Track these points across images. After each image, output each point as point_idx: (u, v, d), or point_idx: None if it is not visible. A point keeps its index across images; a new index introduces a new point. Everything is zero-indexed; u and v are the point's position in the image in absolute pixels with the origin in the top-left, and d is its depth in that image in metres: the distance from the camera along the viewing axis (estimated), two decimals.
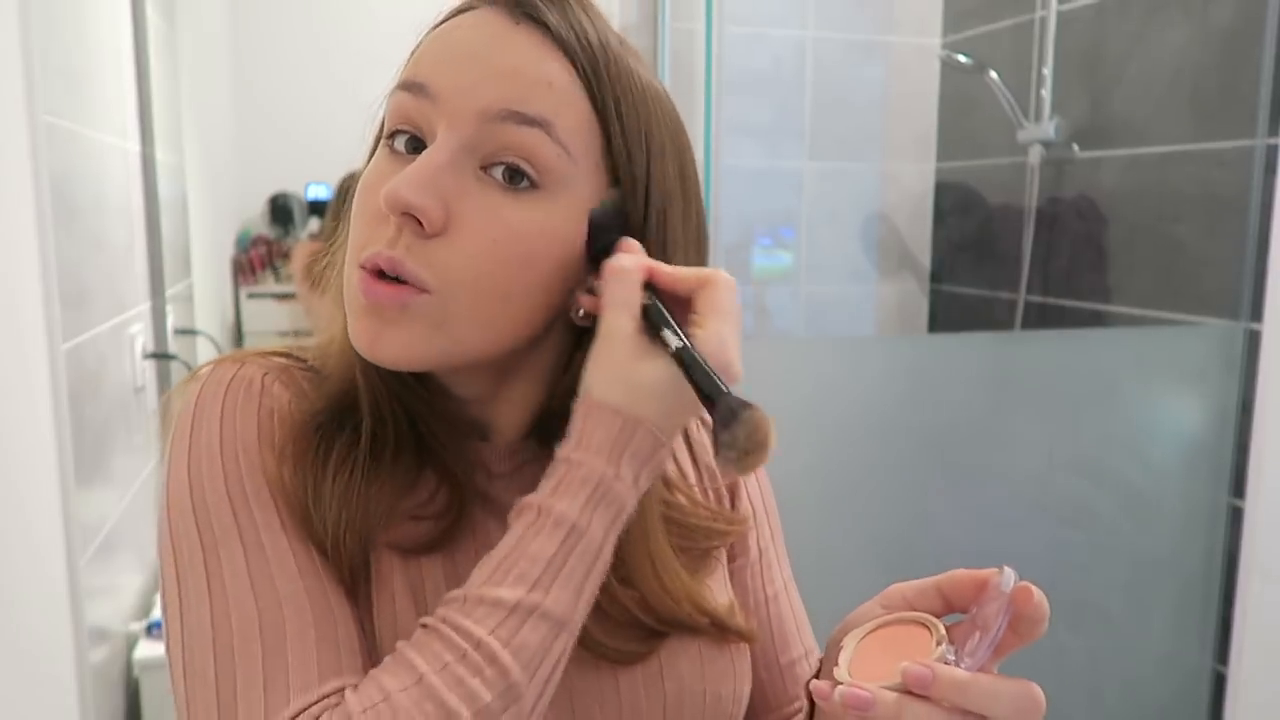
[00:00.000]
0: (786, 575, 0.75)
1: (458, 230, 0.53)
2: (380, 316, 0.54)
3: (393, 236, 0.54)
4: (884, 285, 2.45)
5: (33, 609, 1.18)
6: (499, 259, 0.54)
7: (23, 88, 1.17)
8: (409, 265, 0.53)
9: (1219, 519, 1.70)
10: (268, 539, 0.55)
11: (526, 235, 0.54)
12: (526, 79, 0.54)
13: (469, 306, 0.54)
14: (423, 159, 0.53)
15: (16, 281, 1.15)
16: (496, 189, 0.54)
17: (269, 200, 2.94)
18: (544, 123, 0.53)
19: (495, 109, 0.53)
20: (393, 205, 0.52)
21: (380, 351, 0.55)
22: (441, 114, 0.54)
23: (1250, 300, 1.62)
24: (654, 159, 0.58)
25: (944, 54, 2.30)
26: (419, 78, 0.55)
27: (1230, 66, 1.65)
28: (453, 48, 0.55)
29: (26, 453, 1.16)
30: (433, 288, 0.53)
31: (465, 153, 0.54)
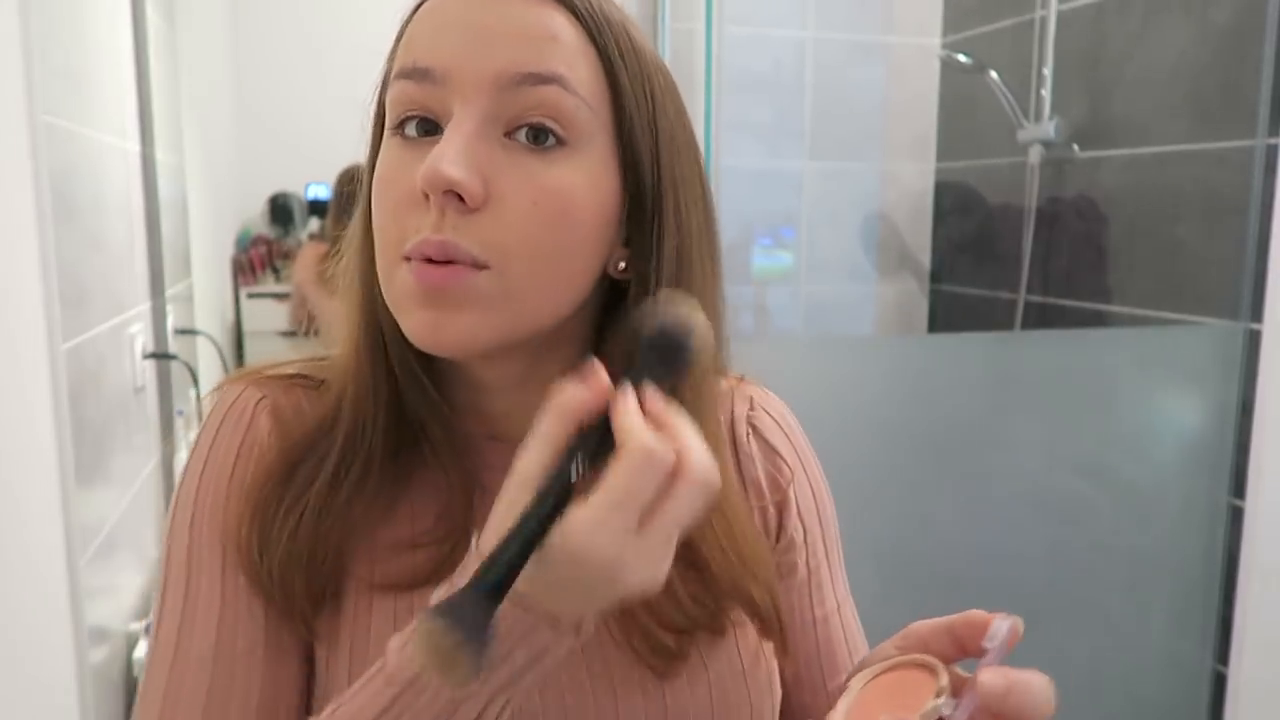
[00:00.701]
0: (841, 594, 0.70)
1: (499, 200, 0.52)
2: (440, 303, 0.52)
3: (436, 220, 0.51)
4: (884, 285, 2.45)
5: (33, 609, 1.18)
6: (545, 221, 0.52)
7: (23, 88, 1.17)
8: (463, 244, 0.51)
9: (1219, 519, 1.70)
10: (205, 588, 0.57)
11: (565, 193, 0.53)
12: (532, 37, 0.52)
13: (527, 275, 0.53)
14: (451, 135, 0.51)
15: (16, 281, 1.15)
16: (525, 153, 0.53)
17: (269, 200, 2.94)
18: (559, 77, 0.52)
19: (509, 74, 0.52)
20: (434, 184, 0.50)
21: (444, 339, 0.53)
22: (453, 92, 0.52)
23: (1250, 300, 1.62)
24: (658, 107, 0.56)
25: (944, 54, 2.30)
26: (420, 62, 0.53)
27: (1230, 66, 1.65)
28: (448, 23, 0.53)
29: (26, 453, 1.16)
30: (489, 262, 0.52)
31: (488, 123, 0.52)
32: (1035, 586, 1.64)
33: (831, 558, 0.70)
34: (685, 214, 0.57)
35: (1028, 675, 0.46)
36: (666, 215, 0.56)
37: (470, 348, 0.54)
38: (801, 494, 0.68)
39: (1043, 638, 0.52)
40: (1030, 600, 1.74)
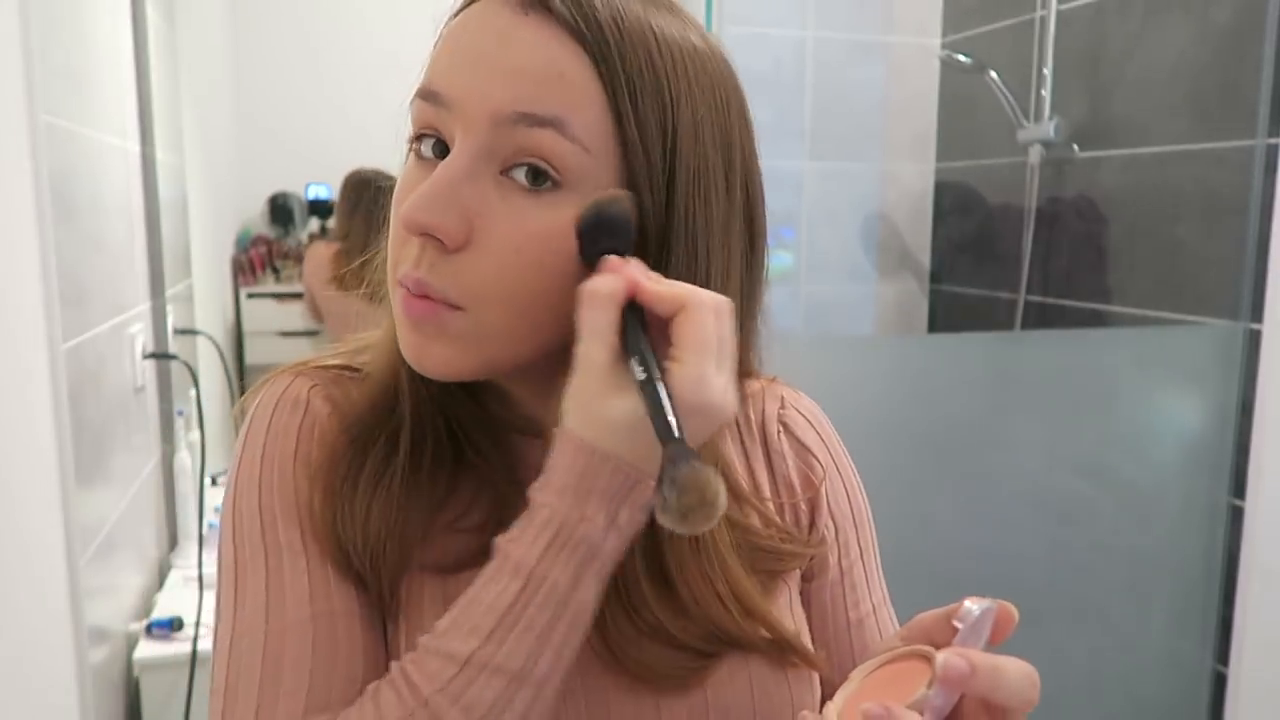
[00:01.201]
0: (878, 598, 0.69)
1: (482, 241, 0.52)
2: (422, 332, 0.54)
3: (417, 256, 0.53)
4: (884, 285, 2.45)
5: (33, 609, 1.18)
6: (526, 266, 0.52)
7: (23, 88, 1.17)
8: (435, 285, 0.53)
9: (1219, 519, 1.70)
10: (288, 563, 0.57)
11: (551, 237, 0.52)
12: (536, 76, 0.51)
13: (502, 319, 0.53)
14: (439, 173, 0.52)
15: (16, 281, 1.15)
16: (518, 192, 0.52)
17: (269, 200, 2.94)
18: (556, 122, 0.51)
19: (506, 112, 0.51)
20: (410, 227, 0.52)
21: (426, 365, 0.55)
22: (456, 120, 0.53)
23: (1250, 300, 1.62)
24: (681, 140, 0.54)
25: (944, 54, 2.30)
26: (432, 85, 0.54)
27: (1230, 66, 1.65)
28: (461, 50, 0.54)
29: (26, 452, 1.16)
30: (463, 304, 0.53)
31: (483, 159, 0.52)
32: (1035, 586, 1.64)
33: (867, 558, 0.69)
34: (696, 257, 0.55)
35: (998, 659, 0.45)
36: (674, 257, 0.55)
37: (452, 374, 0.55)
38: (834, 492, 0.68)
39: (1043, 638, 0.52)
40: (1030, 600, 1.74)
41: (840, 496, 0.69)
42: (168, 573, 1.80)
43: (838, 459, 0.70)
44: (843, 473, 0.70)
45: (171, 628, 1.58)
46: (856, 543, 0.69)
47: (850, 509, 0.69)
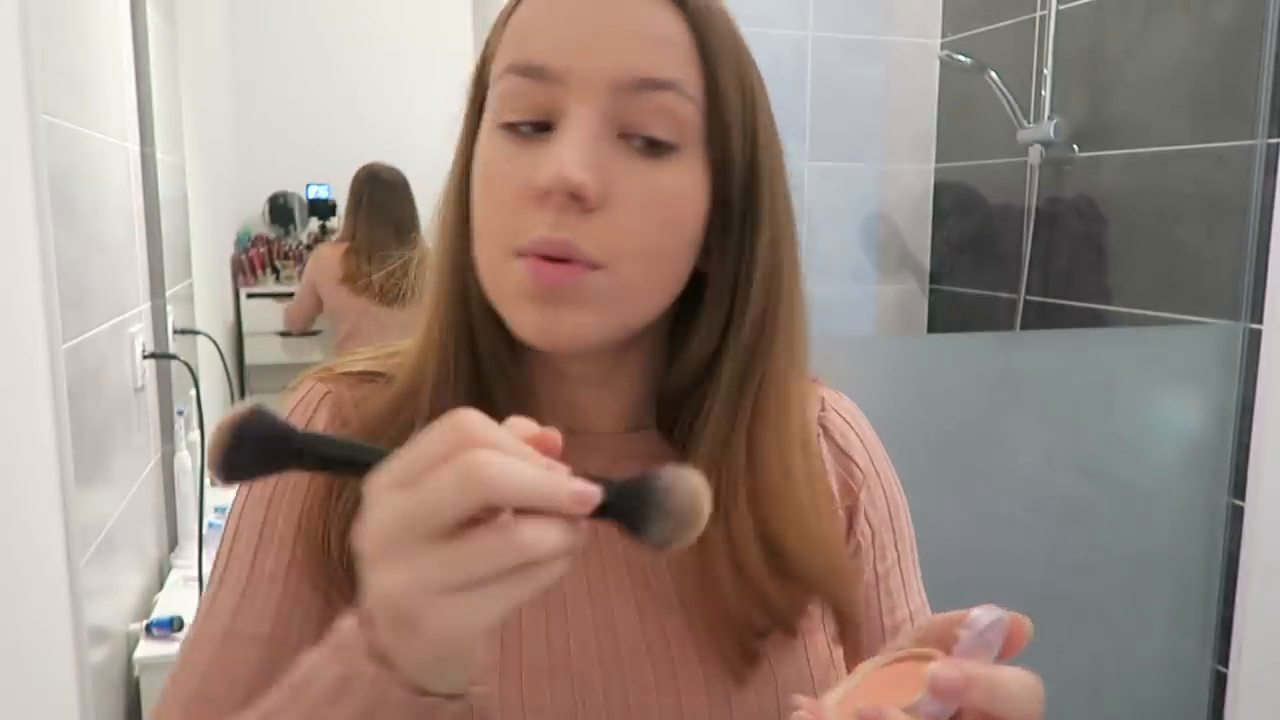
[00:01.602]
0: (916, 604, 0.67)
1: (614, 202, 0.52)
2: (554, 300, 0.52)
3: (554, 219, 0.52)
4: (884, 285, 2.45)
5: (33, 609, 1.18)
6: (657, 225, 0.53)
7: (23, 88, 1.17)
8: (582, 245, 0.52)
9: (1219, 519, 1.70)
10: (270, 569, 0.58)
11: (676, 197, 0.54)
12: (649, 39, 0.52)
13: (638, 276, 0.54)
14: (572, 134, 0.51)
15: (16, 281, 1.15)
16: (638, 155, 0.53)
17: (269, 200, 2.94)
18: (674, 83, 0.53)
19: (627, 79, 0.52)
20: (560, 185, 0.50)
21: (555, 335, 0.53)
22: (570, 92, 0.52)
23: (1250, 300, 1.62)
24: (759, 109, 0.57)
25: (944, 54, 2.30)
26: (536, 60, 0.53)
27: (1230, 66, 1.65)
28: (566, 20, 0.53)
29: (26, 452, 1.16)
30: (602, 263, 0.52)
31: (605, 123, 0.52)
32: (1035, 587, 1.64)
33: (904, 564, 0.68)
34: (777, 211, 0.58)
35: (998, 672, 0.43)
36: (761, 214, 0.57)
37: (580, 345, 0.54)
38: (871, 497, 0.67)
39: (1043, 638, 0.51)
40: (1030, 600, 1.74)
41: (878, 501, 0.67)
42: (168, 573, 1.80)
43: (877, 463, 0.69)
44: (882, 477, 0.68)
45: (171, 628, 1.58)
46: (894, 547, 0.67)
47: (888, 513, 0.68)
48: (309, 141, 2.78)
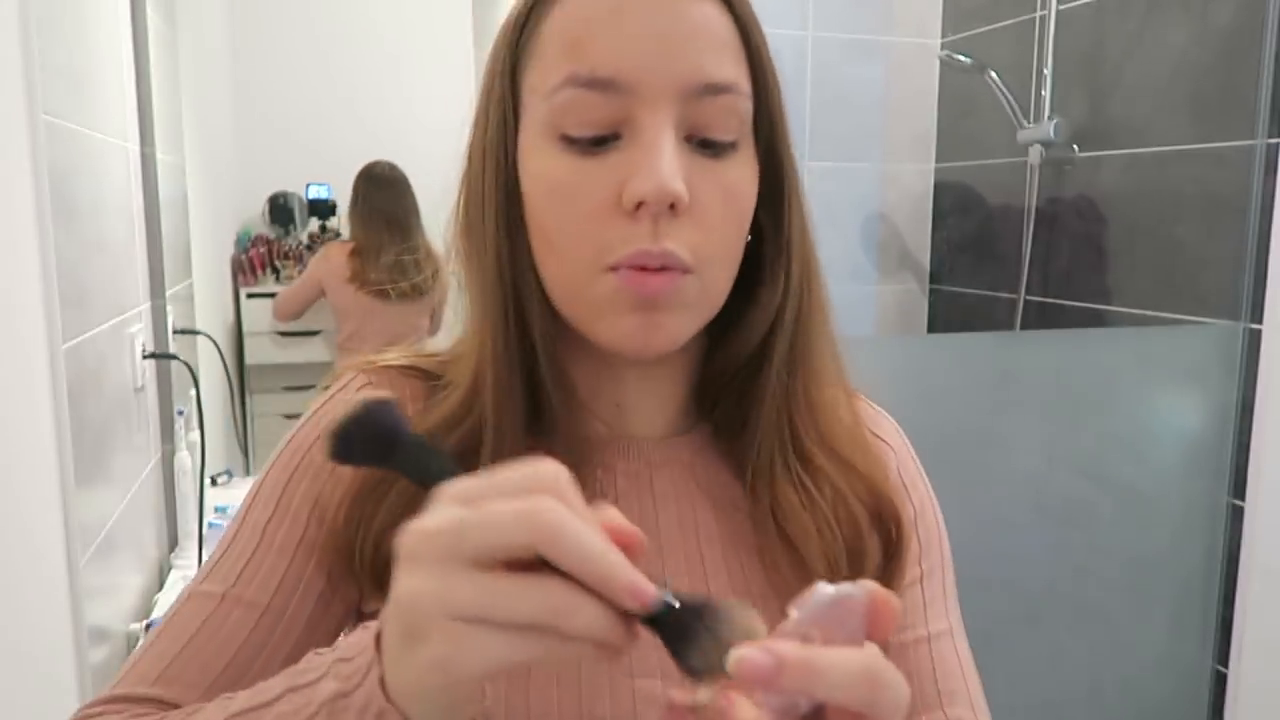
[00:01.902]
0: (939, 627, 0.64)
1: (696, 207, 0.54)
2: (652, 308, 0.54)
3: (652, 230, 0.53)
4: (884, 285, 2.45)
5: (33, 609, 1.18)
6: (733, 222, 0.56)
7: (23, 88, 1.17)
8: (679, 253, 0.53)
9: (1219, 519, 1.70)
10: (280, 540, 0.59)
11: (742, 194, 0.57)
12: (710, 41, 0.54)
13: (720, 273, 0.57)
14: (661, 146, 0.52)
15: (16, 281, 1.15)
16: (704, 156, 0.55)
17: (269, 200, 2.93)
18: (734, 85, 0.55)
19: (695, 85, 0.53)
20: (664, 199, 0.52)
21: (657, 342, 0.55)
22: (639, 102, 0.53)
23: (1250, 300, 1.62)
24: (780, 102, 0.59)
25: (944, 54, 2.30)
26: (602, 71, 0.53)
27: (1230, 66, 1.65)
28: (625, 25, 0.53)
29: (26, 453, 1.16)
30: (694, 266, 0.54)
31: (677, 130, 0.54)
32: (1035, 587, 1.64)
33: (929, 584, 0.65)
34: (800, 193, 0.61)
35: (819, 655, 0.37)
36: (795, 198, 0.60)
37: (674, 346, 0.56)
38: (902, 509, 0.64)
39: (1043, 638, 0.51)
40: (1030, 600, 1.75)
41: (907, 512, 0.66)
42: (168, 573, 1.80)
43: (908, 479, 0.68)
44: (913, 498, 0.67)
45: None
46: (917, 564, 0.65)
47: (922, 527, 0.67)
48: (309, 141, 2.78)
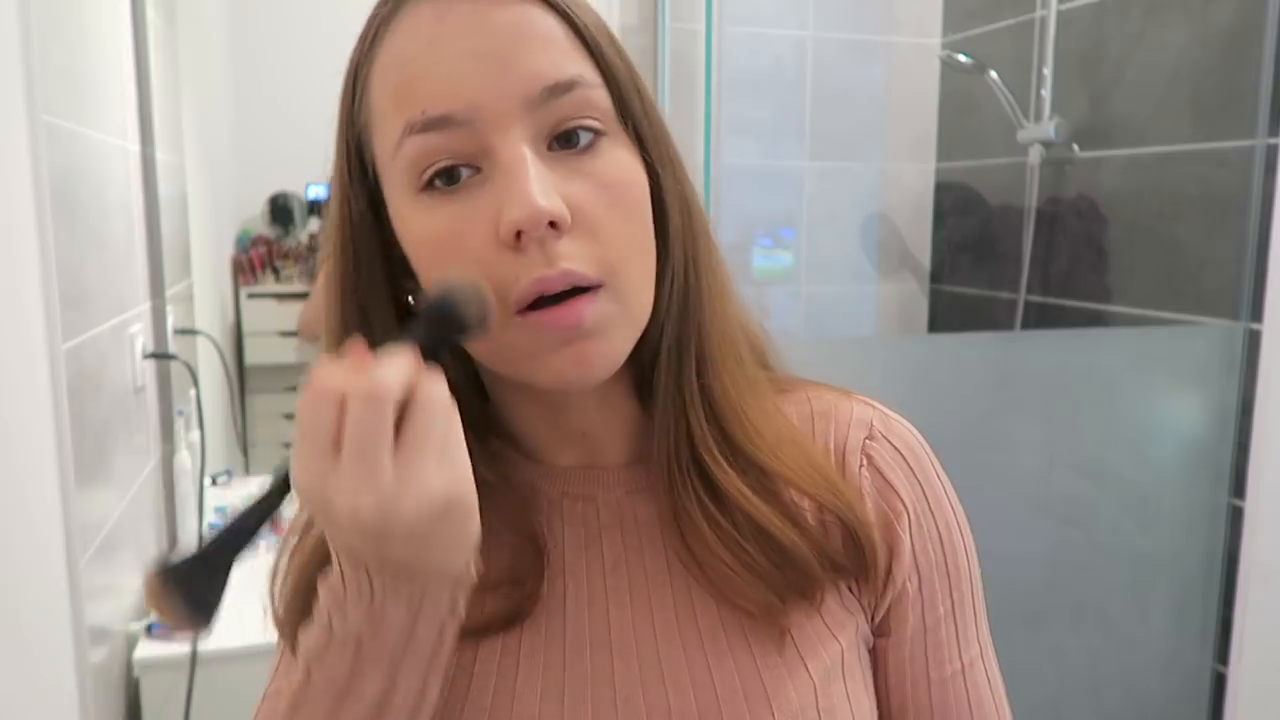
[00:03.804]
0: (972, 654, 0.61)
1: (580, 215, 0.50)
2: (580, 339, 0.50)
3: (541, 256, 0.49)
4: (884, 285, 2.45)
5: (33, 609, 1.18)
6: (625, 217, 0.52)
7: (23, 88, 1.17)
8: (580, 270, 0.49)
9: (1219, 519, 1.70)
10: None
11: (626, 182, 0.52)
12: (537, 47, 0.50)
13: (633, 277, 0.52)
14: (520, 169, 0.49)
15: (16, 281, 1.15)
16: (573, 157, 0.51)
17: (269, 200, 2.93)
18: (578, 78, 0.51)
19: (533, 93, 0.50)
20: (538, 222, 0.48)
21: (596, 372, 0.51)
22: (484, 128, 0.49)
23: (1250, 300, 1.62)
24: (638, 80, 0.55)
25: (944, 54, 2.30)
26: (434, 110, 0.49)
27: (1230, 66, 1.65)
28: (446, 58, 0.49)
29: (26, 453, 1.16)
30: (600, 279, 0.50)
31: (535, 143, 0.50)
32: (1035, 586, 1.64)
33: (960, 612, 0.60)
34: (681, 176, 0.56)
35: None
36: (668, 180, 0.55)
37: (616, 367, 0.53)
38: (921, 538, 0.59)
39: (1043, 638, 0.51)
40: (1030, 600, 1.75)
41: (930, 543, 0.59)
42: None
43: (932, 499, 0.60)
44: (937, 516, 0.60)
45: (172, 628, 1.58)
46: (949, 595, 0.60)
47: (944, 556, 0.60)
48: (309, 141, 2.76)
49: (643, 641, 0.56)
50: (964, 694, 0.60)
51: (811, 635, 0.57)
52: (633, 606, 0.57)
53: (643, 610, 0.57)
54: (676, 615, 0.57)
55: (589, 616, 0.57)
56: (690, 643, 0.56)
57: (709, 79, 1.69)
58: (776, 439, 0.57)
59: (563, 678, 0.56)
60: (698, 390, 0.56)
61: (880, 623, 0.59)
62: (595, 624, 0.57)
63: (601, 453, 0.60)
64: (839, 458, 0.60)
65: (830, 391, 0.64)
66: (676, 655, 0.56)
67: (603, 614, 0.57)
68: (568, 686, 0.55)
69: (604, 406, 0.58)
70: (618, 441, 0.60)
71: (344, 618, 0.47)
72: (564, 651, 0.56)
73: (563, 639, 0.57)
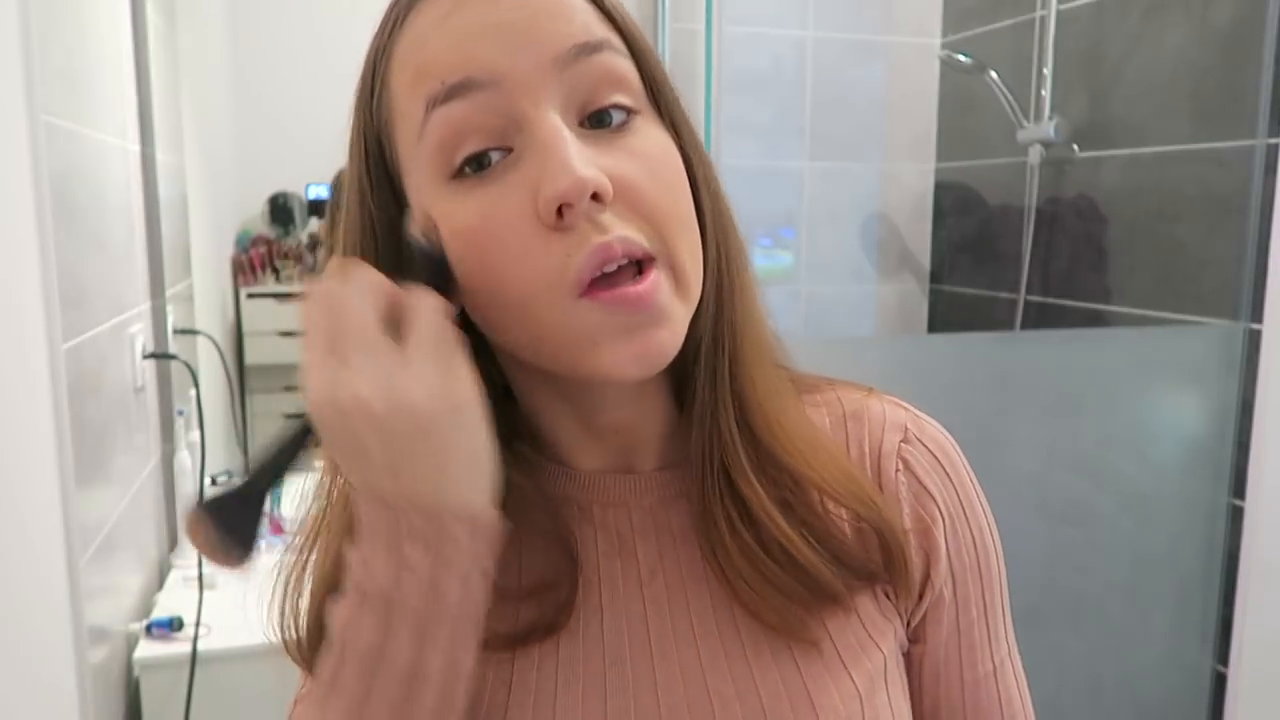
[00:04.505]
0: (1001, 655, 0.61)
1: (621, 189, 0.47)
2: (647, 322, 0.47)
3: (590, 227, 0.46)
4: (884, 285, 2.45)
5: (33, 609, 1.18)
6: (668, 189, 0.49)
7: (23, 88, 1.17)
8: (635, 239, 0.47)
9: (1219, 519, 1.70)
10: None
11: (665, 153, 0.50)
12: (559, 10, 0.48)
13: (680, 248, 0.49)
14: (552, 140, 0.46)
15: (16, 281, 1.15)
16: (608, 136, 0.49)
17: (269, 200, 2.93)
18: (605, 40, 0.49)
19: (561, 52, 0.47)
20: (582, 191, 0.45)
21: (656, 361, 0.48)
22: (513, 94, 0.47)
23: (1250, 300, 1.62)
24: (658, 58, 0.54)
25: (944, 54, 2.30)
26: (453, 78, 0.47)
27: (1230, 67, 1.65)
28: (463, 33, 0.48)
29: (26, 453, 1.16)
30: (652, 251, 0.48)
31: (569, 116, 0.48)
32: (1035, 587, 1.64)
33: (991, 614, 0.61)
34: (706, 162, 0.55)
35: None
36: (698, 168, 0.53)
37: (676, 350, 0.49)
38: (956, 542, 0.59)
39: (1043, 638, 0.51)
40: (1030, 600, 1.75)
41: (964, 546, 0.59)
42: (168, 573, 1.80)
43: (966, 502, 0.60)
44: (971, 520, 0.60)
45: (171, 628, 1.58)
46: (981, 598, 0.60)
47: (977, 559, 0.60)
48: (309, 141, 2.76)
49: (684, 651, 0.55)
50: (995, 694, 0.60)
51: (854, 644, 0.56)
52: (672, 616, 0.56)
53: (683, 619, 0.56)
54: (718, 625, 0.56)
55: (628, 626, 0.56)
56: (733, 653, 0.55)
57: (709, 79, 1.69)
58: (809, 445, 0.56)
59: (604, 688, 0.54)
60: (730, 393, 0.54)
61: (916, 627, 0.59)
62: (634, 634, 0.56)
63: (633, 454, 0.58)
64: (874, 461, 0.59)
65: (856, 390, 0.62)
66: (720, 665, 0.55)
67: (641, 623, 0.56)
68: (610, 697, 0.54)
69: (639, 403, 0.56)
70: (650, 442, 0.58)
71: (370, 574, 0.46)
72: (604, 661, 0.55)
73: (601, 649, 0.55)
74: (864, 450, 0.59)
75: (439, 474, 0.45)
